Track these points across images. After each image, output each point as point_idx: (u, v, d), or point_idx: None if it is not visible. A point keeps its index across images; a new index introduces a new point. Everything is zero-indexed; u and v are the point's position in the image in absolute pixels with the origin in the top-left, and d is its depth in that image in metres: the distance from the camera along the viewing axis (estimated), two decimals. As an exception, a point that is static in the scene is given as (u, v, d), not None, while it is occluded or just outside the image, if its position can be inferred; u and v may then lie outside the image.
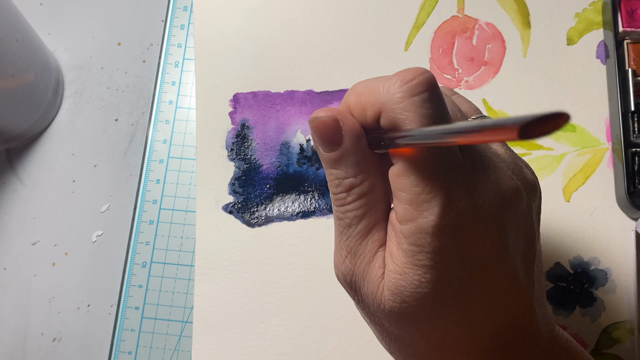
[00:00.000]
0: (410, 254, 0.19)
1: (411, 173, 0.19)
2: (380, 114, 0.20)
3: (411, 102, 0.18)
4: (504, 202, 0.19)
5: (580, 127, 0.36)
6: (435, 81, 0.19)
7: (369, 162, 0.21)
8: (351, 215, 0.21)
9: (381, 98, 0.19)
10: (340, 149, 0.21)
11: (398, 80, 0.19)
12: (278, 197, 0.36)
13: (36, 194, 0.39)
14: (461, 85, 0.37)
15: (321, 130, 0.21)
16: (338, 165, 0.21)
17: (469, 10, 0.38)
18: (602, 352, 0.34)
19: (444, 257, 0.19)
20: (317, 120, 0.21)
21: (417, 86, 0.19)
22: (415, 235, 0.19)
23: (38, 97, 0.39)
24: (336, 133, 0.20)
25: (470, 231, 0.19)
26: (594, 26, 0.38)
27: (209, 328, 0.35)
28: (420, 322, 0.20)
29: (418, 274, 0.19)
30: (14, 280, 0.38)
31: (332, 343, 0.34)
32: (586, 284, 0.35)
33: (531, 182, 0.21)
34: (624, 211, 0.35)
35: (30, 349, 0.37)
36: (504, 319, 0.20)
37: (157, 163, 0.38)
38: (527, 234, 0.21)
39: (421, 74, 0.19)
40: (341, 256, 0.22)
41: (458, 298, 0.19)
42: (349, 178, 0.21)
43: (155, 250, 0.36)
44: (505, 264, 0.20)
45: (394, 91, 0.19)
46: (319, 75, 0.38)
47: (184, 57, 0.39)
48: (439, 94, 0.19)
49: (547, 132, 0.12)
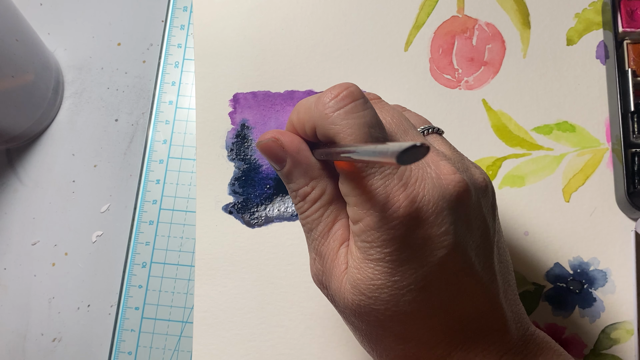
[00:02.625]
0: (363, 249, 0.21)
1: (352, 179, 0.21)
2: (314, 127, 0.22)
3: (337, 115, 0.20)
4: (445, 194, 0.20)
5: (580, 127, 0.36)
6: (359, 92, 0.21)
7: (315, 170, 0.23)
8: (310, 220, 0.23)
9: (314, 114, 0.21)
10: (286, 164, 0.23)
11: (327, 96, 0.21)
12: (278, 197, 0.36)
13: (36, 194, 0.39)
14: (461, 85, 0.37)
15: (266, 151, 0.23)
16: (290, 178, 0.23)
17: (469, 10, 0.38)
18: (601, 353, 0.34)
19: (393, 249, 0.20)
20: (261, 144, 0.23)
21: (342, 100, 0.21)
22: (365, 232, 0.20)
23: (38, 97, 0.39)
24: (279, 151, 0.23)
25: (412, 223, 0.20)
26: (593, 26, 0.38)
27: (209, 328, 0.35)
28: (380, 315, 0.21)
29: (371, 267, 0.20)
30: (14, 280, 0.38)
31: (332, 343, 0.34)
32: (586, 285, 0.35)
33: (478, 180, 0.22)
34: (624, 211, 0.35)
35: (30, 349, 0.37)
36: (467, 313, 0.21)
37: (157, 163, 0.38)
38: (480, 228, 0.22)
39: (346, 88, 0.21)
40: (312, 258, 0.24)
41: (412, 289, 0.20)
42: (301, 188, 0.23)
43: (155, 250, 0.36)
44: (457, 256, 0.20)
45: (321, 108, 0.21)
46: (319, 75, 0.38)
47: (184, 57, 0.39)
48: (364, 104, 0.21)
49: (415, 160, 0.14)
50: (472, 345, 0.21)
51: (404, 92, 0.37)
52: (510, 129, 0.36)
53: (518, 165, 0.36)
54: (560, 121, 0.36)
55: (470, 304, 0.21)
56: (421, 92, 0.37)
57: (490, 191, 0.23)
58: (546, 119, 0.37)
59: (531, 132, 0.36)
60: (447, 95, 0.37)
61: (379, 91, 0.37)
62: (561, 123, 0.36)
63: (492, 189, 0.23)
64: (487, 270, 0.21)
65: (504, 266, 0.23)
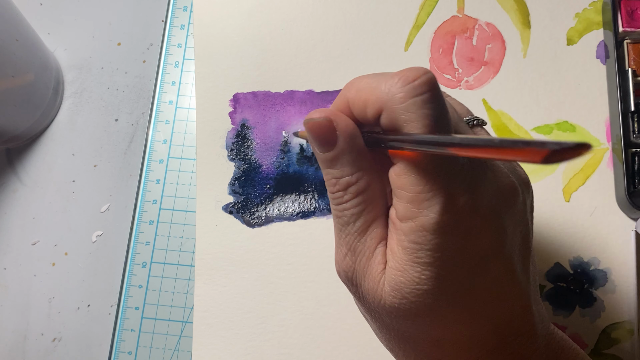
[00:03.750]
0: (410, 251, 0.19)
1: (412, 172, 0.19)
2: (380, 112, 0.20)
3: (413, 102, 0.18)
4: (503, 200, 0.19)
5: (580, 127, 0.36)
6: (436, 82, 0.19)
7: (365, 160, 0.21)
8: (349, 213, 0.21)
9: (383, 96, 0.19)
10: (335, 148, 0.21)
11: (401, 79, 0.19)
12: (278, 197, 0.36)
13: (36, 194, 0.39)
14: (461, 85, 0.37)
15: (316, 131, 0.21)
16: (334, 164, 0.21)
17: (469, 10, 0.38)
18: (601, 353, 0.34)
19: (444, 254, 0.19)
20: (311, 122, 0.21)
21: (420, 87, 0.18)
22: (416, 232, 0.19)
23: (38, 97, 0.39)
24: (331, 133, 0.21)
25: (470, 228, 0.19)
26: (594, 26, 0.38)
27: (209, 328, 0.35)
28: (420, 318, 0.20)
29: (418, 270, 0.19)
30: (14, 280, 0.38)
31: (332, 343, 0.34)
32: (586, 284, 0.35)
33: (525, 180, 0.22)
34: (624, 211, 0.35)
35: (30, 349, 0.37)
36: (503, 317, 0.20)
37: (157, 163, 0.38)
38: (523, 230, 0.21)
39: (423, 74, 0.19)
40: (341, 253, 0.22)
41: (457, 295, 0.19)
42: (345, 177, 0.21)
43: (155, 250, 0.36)
44: (504, 260, 0.20)
45: (395, 90, 0.19)
46: (319, 75, 0.38)
47: (184, 57, 0.39)
48: (440, 95, 0.19)
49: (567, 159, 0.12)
50: (503, 348, 0.21)
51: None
52: (511, 128, 0.36)
53: (518, 165, 0.36)
54: (560, 121, 0.36)
55: (507, 308, 0.20)
56: (421, 92, 0.37)
57: (531, 192, 0.23)
58: (546, 118, 0.37)
59: (531, 132, 0.36)
60: (447, 95, 0.37)
61: (379, 91, 0.37)
62: (561, 123, 0.36)
63: (532, 189, 0.23)
64: (524, 273, 0.21)
65: (533, 266, 0.23)
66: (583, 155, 0.12)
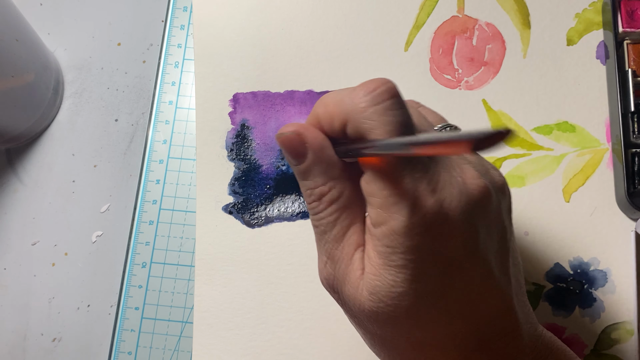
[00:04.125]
0: (384, 255, 0.20)
1: (379, 178, 0.20)
2: (345, 123, 0.21)
3: (374, 110, 0.19)
4: (471, 201, 0.20)
5: (580, 127, 0.36)
6: (397, 90, 0.20)
7: (336, 170, 0.22)
8: (325, 222, 0.22)
9: (346, 108, 0.20)
10: (306, 160, 0.22)
11: (362, 90, 0.20)
12: (278, 197, 0.36)
13: (36, 194, 0.39)
14: (461, 85, 0.37)
15: (287, 144, 0.22)
16: (307, 176, 0.22)
17: (469, 10, 0.38)
18: (601, 353, 0.34)
19: (416, 256, 0.19)
20: (282, 136, 0.22)
21: (380, 95, 0.20)
22: (388, 237, 0.19)
23: (38, 97, 0.39)
24: (301, 146, 0.22)
25: (439, 230, 0.19)
26: (594, 26, 0.38)
27: (209, 328, 0.35)
28: (399, 321, 0.20)
29: (392, 273, 0.20)
30: (14, 280, 0.38)
31: (332, 343, 0.34)
32: (586, 285, 0.35)
33: (499, 183, 0.22)
34: (624, 212, 0.35)
35: (30, 349, 0.37)
36: (483, 317, 0.21)
37: (157, 163, 0.38)
38: (499, 232, 0.21)
39: (383, 83, 0.20)
40: (322, 261, 0.23)
41: (433, 296, 0.20)
42: (318, 187, 0.22)
43: (155, 250, 0.36)
44: (479, 261, 0.20)
45: (357, 101, 0.20)
46: (319, 75, 0.38)
47: (184, 57, 0.39)
48: (401, 102, 0.20)
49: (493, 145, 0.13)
50: (486, 348, 0.21)
51: (404, 92, 0.37)
52: (511, 129, 0.36)
53: (518, 166, 0.36)
54: (560, 121, 0.36)
55: (486, 308, 0.21)
56: (421, 92, 0.37)
57: (507, 194, 0.23)
58: (546, 119, 0.37)
59: (531, 132, 0.36)
60: (447, 95, 0.37)
61: (379, 91, 0.37)
62: (561, 123, 0.36)
63: (509, 191, 0.23)
64: (503, 274, 0.21)
65: (516, 268, 0.23)
66: (507, 140, 0.13)
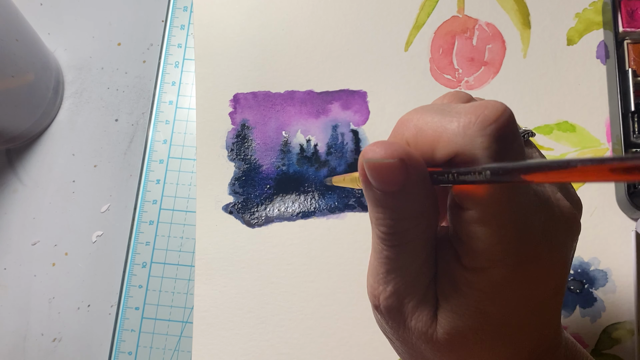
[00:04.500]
0: (473, 299, 0.18)
1: (488, 223, 0.17)
2: (454, 155, 0.17)
3: (497, 148, 0.16)
4: (573, 240, 0.19)
5: (580, 127, 0.36)
6: (514, 117, 0.17)
7: (429, 201, 0.18)
8: (403, 258, 0.19)
9: (458, 140, 0.17)
10: (401, 190, 0.18)
11: (478, 121, 0.16)
12: (278, 197, 0.36)
13: (36, 194, 0.39)
14: (461, 85, 0.37)
15: (378, 170, 0.18)
16: (392, 205, 0.18)
17: (469, 10, 0.38)
18: (602, 353, 0.34)
19: (509, 302, 0.18)
20: (377, 163, 0.18)
21: (503, 129, 0.16)
22: (484, 282, 0.18)
23: (38, 97, 0.39)
24: (399, 174, 0.17)
25: (540, 275, 0.18)
26: (594, 26, 0.38)
27: (209, 328, 0.35)
28: (469, 351, 0.19)
29: (480, 319, 0.18)
30: (14, 280, 0.38)
31: (332, 343, 0.34)
32: (586, 285, 0.35)
33: (579, 201, 0.20)
34: (624, 211, 0.35)
35: (30, 349, 0.37)
36: (542, 337, 0.20)
37: (157, 163, 0.38)
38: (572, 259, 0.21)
39: (502, 113, 0.17)
40: (386, 292, 0.20)
41: (513, 334, 0.19)
42: (405, 219, 0.18)
43: (155, 250, 0.36)
44: (561, 297, 0.19)
45: (474, 134, 0.16)
46: (319, 75, 0.38)
47: (184, 57, 0.39)
48: (517, 130, 0.17)
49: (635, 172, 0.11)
50: None
51: (404, 92, 0.37)
52: (511, 128, 0.36)
53: (518, 165, 0.36)
54: (560, 121, 0.36)
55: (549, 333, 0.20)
56: (421, 92, 0.37)
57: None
58: (546, 118, 0.37)
59: (531, 132, 0.36)
60: (447, 95, 0.37)
61: (379, 91, 0.37)
62: (561, 123, 0.36)
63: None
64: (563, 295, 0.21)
65: None
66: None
